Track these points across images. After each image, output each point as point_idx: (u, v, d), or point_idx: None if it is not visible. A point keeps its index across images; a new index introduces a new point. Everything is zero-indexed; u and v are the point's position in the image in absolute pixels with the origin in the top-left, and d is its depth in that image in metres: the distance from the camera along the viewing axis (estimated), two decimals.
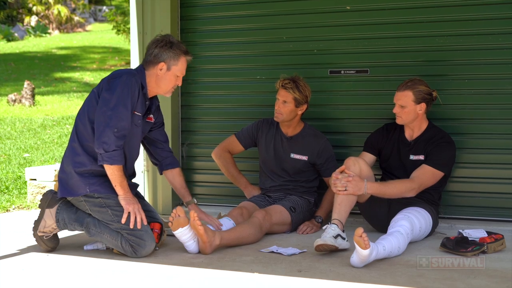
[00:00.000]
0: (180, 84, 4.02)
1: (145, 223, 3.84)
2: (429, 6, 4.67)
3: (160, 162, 4.25)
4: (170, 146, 5.11)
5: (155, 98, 4.10)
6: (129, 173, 4.08)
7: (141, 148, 5.23)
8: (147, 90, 3.94)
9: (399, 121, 4.29)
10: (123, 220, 3.80)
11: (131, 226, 3.79)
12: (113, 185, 3.82)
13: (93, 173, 3.86)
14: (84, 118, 3.87)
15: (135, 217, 3.80)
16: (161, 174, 4.31)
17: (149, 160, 5.21)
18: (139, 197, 4.11)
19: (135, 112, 3.87)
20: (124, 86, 3.78)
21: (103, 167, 3.82)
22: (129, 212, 3.81)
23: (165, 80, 3.94)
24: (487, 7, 4.55)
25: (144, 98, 3.95)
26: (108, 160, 3.76)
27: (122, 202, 3.82)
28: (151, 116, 4.08)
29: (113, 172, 3.80)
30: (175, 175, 4.26)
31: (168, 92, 4.00)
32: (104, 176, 3.86)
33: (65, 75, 15.58)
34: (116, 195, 3.85)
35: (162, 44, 3.91)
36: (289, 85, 4.47)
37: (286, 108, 4.50)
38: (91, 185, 3.85)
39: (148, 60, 3.94)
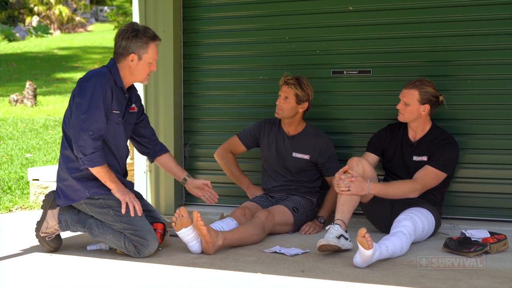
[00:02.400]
0: (155, 70, 3.99)
1: (140, 212, 3.85)
2: (432, 6, 4.67)
3: (150, 150, 4.26)
4: (172, 146, 5.17)
5: (133, 87, 4.08)
6: (122, 172, 4.07)
7: None
8: (123, 83, 3.92)
9: (400, 118, 4.29)
10: (123, 211, 3.81)
11: (132, 215, 3.81)
12: (103, 181, 3.84)
13: (90, 176, 3.86)
14: (69, 124, 3.86)
15: (133, 207, 3.83)
16: (152, 162, 4.32)
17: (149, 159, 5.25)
18: (139, 198, 4.11)
19: (113, 111, 3.87)
20: (95, 88, 3.77)
21: None
22: (126, 203, 3.84)
23: (139, 69, 3.91)
24: (490, 8, 4.55)
25: (122, 92, 3.94)
26: (88, 163, 3.77)
27: (117, 195, 3.84)
28: (134, 106, 4.07)
29: (98, 171, 3.81)
30: (167, 158, 4.27)
31: (144, 80, 3.98)
32: None
33: (67, 75, 15.60)
34: None
35: (128, 35, 3.86)
36: (292, 81, 4.50)
37: (287, 104, 4.51)
38: (89, 188, 3.86)
39: (118, 52, 3.90)
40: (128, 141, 4.15)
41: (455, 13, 4.62)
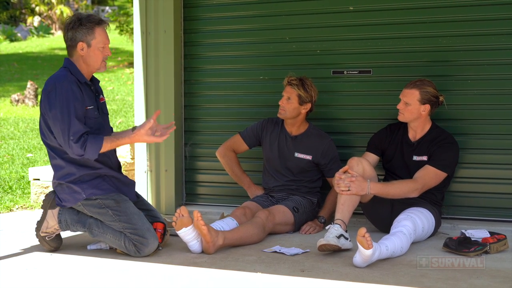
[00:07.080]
0: (109, 54, 3.93)
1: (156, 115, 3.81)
2: (432, 6, 4.67)
3: None
4: (172, 145, 5.18)
5: (94, 78, 4.03)
6: (115, 166, 4.05)
7: (144, 149, 5.28)
8: (85, 77, 3.88)
9: (400, 117, 4.29)
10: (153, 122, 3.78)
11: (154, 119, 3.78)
12: (118, 146, 3.84)
13: (84, 178, 3.86)
14: (48, 134, 3.85)
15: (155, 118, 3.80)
16: None
17: (151, 160, 5.26)
18: (137, 197, 4.12)
19: (87, 108, 3.84)
20: (61, 95, 3.74)
21: (92, 166, 3.85)
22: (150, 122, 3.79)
23: (91, 57, 3.87)
24: (490, 8, 4.55)
25: (88, 87, 3.91)
26: (92, 156, 3.76)
27: (136, 137, 3.80)
28: (102, 96, 4.05)
29: (104, 149, 3.78)
30: None
31: (100, 67, 3.91)
32: (95, 178, 3.88)
33: None
34: (113, 193, 3.88)
35: (72, 25, 3.84)
36: (295, 82, 4.50)
37: (289, 104, 4.51)
38: (85, 190, 3.86)
39: (68, 45, 3.89)
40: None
41: (455, 13, 4.62)
